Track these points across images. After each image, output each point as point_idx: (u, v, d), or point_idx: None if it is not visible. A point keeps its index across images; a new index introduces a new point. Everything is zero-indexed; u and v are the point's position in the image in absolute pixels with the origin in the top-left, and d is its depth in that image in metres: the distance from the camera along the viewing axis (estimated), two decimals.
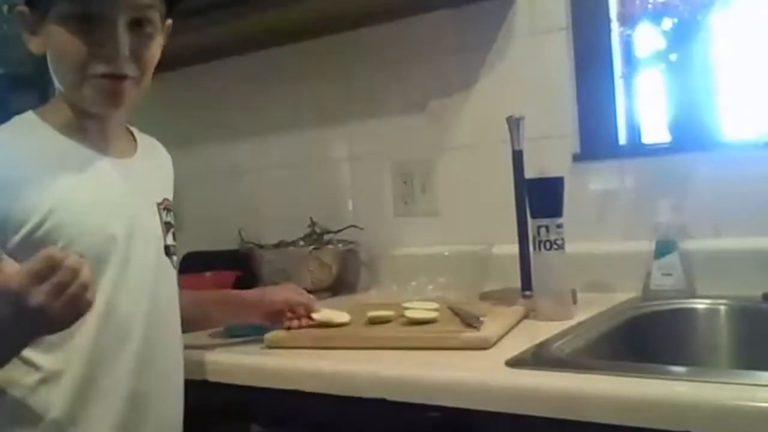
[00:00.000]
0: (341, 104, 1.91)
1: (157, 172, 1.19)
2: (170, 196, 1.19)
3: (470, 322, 1.17)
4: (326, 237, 1.84)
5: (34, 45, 1.06)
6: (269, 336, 1.25)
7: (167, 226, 1.14)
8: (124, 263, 1.04)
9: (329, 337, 1.22)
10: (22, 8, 1.05)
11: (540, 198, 1.31)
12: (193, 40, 1.81)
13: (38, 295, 0.82)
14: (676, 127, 1.54)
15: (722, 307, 1.33)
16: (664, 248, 1.42)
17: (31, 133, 1.05)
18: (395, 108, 1.83)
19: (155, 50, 1.07)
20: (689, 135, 1.50)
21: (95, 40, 1.01)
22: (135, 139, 1.18)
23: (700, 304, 1.35)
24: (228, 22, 1.72)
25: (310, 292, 1.75)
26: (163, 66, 1.10)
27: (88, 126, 1.08)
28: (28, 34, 1.06)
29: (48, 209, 0.98)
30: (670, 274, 1.41)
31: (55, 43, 1.03)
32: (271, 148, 2.05)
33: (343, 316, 1.29)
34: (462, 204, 1.74)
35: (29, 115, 1.07)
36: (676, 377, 0.92)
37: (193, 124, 2.19)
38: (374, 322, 1.26)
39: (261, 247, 1.83)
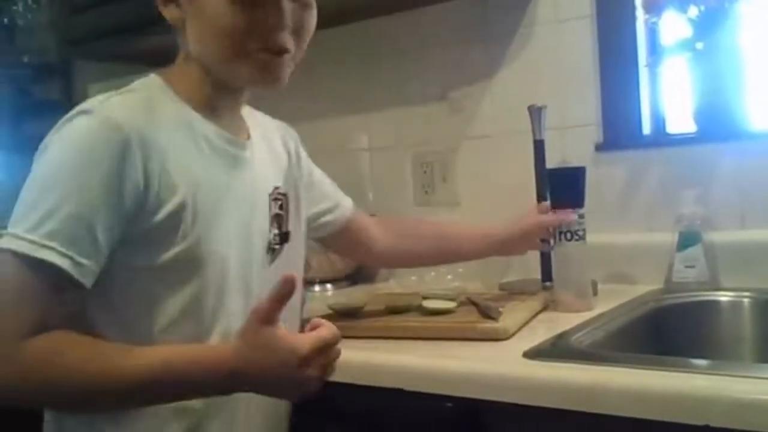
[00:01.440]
0: (361, 93, 1.90)
1: (270, 156, 1.08)
2: (281, 182, 1.08)
3: (489, 312, 1.17)
4: None
5: (171, 13, 0.95)
6: None
7: (275, 219, 1.04)
8: (245, 261, 0.97)
9: (347, 326, 1.22)
10: None
11: (561, 188, 1.29)
12: None
13: (316, 367, 0.85)
14: (701, 117, 1.51)
15: (746, 300, 1.31)
16: (687, 240, 1.40)
17: (167, 104, 0.94)
18: (415, 97, 1.81)
19: (314, 21, 0.98)
20: (715, 125, 1.47)
21: (257, 10, 0.91)
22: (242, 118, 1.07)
23: (724, 297, 1.33)
24: None
25: (329, 281, 1.78)
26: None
27: (223, 103, 0.99)
28: (173, 7, 0.95)
29: (192, 192, 0.90)
30: (693, 266, 1.39)
31: (210, 13, 0.91)
32: None
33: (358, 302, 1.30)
34: (482, 194, 1.73)
35: (158, 82, 0.96)
36: (697, 370, 0.91)
37: None
38: (392, 311, 1.25)
39: None
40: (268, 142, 1.10)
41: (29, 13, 2.32)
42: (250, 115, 1.09)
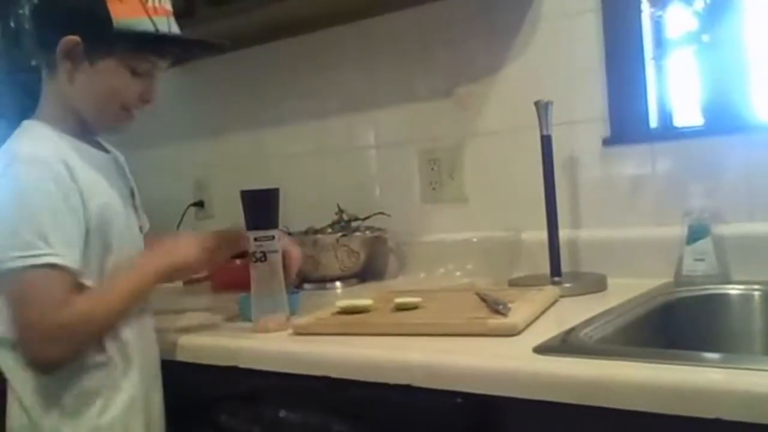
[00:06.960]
0: (367, 91, 1.90)
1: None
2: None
3: (498, 308, 1.17)
4: (354, 224, 1.84)
5: (65, 65, 1.16)
6: (297, 322, 1.25)
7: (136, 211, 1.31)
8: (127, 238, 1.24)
9: (356, 323, 1.22)
10: (74, 38, 1.14)
11: (252, 210, 1.30)
12: (218, 30, 1.82)
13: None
14: (708, 110, 1.51)
15: (756, 293, 1.30)
16: (696, 233, 1.40)
17: (55, 139, 1.18)
18: (422, 94, 1.81)
19: None
20: (722, 117, 1.47)
21: (142, 86, 1.20)
22: None
23: (734, 290, 1.32)
24: (250, 11, 1.72)
25: (338, 279, 1.78)
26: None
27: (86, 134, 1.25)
28: (68, 63, 1.16)
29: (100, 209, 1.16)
30: (702, 260, 1.38)
31: (110, 79, 1.17)
32: (298, 136, 2.06)
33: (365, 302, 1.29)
34: (490, 190, 1.73)
35: (40, 125, 1.20)
36: (707, 364, 0.90)
37: (221, 113, 2.20)
38: (401, 308, 1.26)
39: (289, 234, 1.84)
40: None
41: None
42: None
